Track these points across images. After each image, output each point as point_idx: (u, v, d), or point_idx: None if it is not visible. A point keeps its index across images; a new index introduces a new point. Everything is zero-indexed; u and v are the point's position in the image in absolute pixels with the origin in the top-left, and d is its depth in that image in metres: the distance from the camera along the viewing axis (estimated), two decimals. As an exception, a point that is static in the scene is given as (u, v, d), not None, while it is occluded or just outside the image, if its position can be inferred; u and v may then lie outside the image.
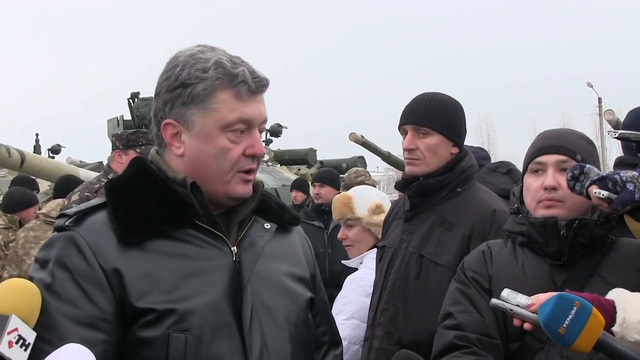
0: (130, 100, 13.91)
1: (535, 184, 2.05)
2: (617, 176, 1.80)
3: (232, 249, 1.61)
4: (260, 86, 1.60)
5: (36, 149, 15.89)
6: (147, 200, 1.56)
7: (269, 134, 15.44)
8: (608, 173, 1.83)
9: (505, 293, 1.70)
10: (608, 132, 3.33)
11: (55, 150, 16.03)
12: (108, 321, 1.45)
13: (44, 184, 9.91)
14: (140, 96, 13.90)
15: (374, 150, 14.80)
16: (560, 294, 1.60)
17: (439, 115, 2.65)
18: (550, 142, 2.07)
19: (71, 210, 1.56)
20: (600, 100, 36.38)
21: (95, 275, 1.46)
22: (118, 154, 4.54)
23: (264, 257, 1.66)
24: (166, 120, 1.59)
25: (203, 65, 1.56)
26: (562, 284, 1.93)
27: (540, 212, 2.02)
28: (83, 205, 1.59)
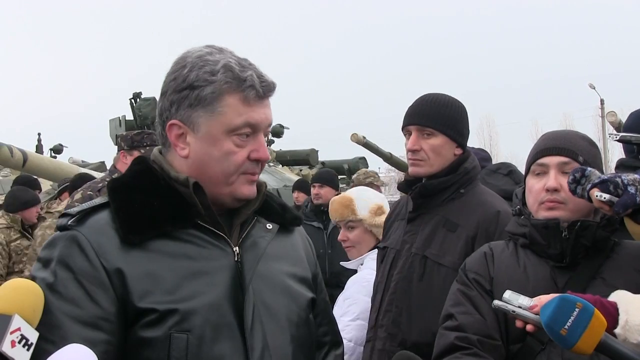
0: (132, 100, 13.91)
1: (537, 186, 2.04)
2: (619, 179, 1.80)
3: (234, 249, 1.61)
4: (267, 90, 1.60)
5: (38, 149, 15.89)
6: (150, 200, 1.56)
7: (270, 134, 15.45)
8: (609, 176, 1.82)
9: (508, 294, 1.70)
10: (609, 135, 3.33)
11: (57, 150, 16.04)
12: (110, 321, 1.45)
13: (46, 184, 9.93)
14: (142, 96, 13.90)
15: (375, 151, 14.79)
16: (562, 296, 1.60)
17: (444, 116, 2.65)
18: (553, 144, 2.07)
19: (74, 209, 1.56)
20: (602, 101, 36.31)
21: (98, 275, 1.46)
22: (123, 154, 4.56)
23: (265, 258, 1.66)
24: (172, 121, 1.58)
25: (211, 68, 1.55)
26: (564, 285, 1.93)
27: (542, 214, 2.02)
28: (86, 204, 1.58)
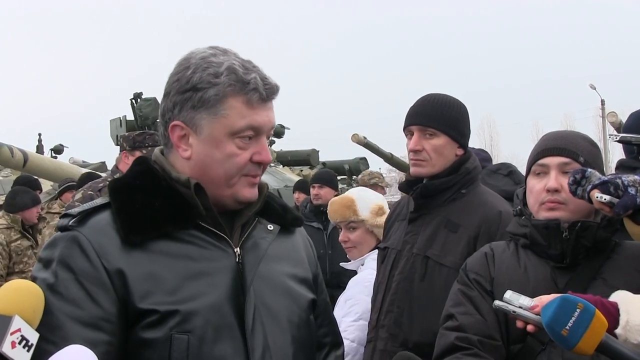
0: (132, 100, 13.91)
1: (538, 186, 2.04)
2: (619, 180, 1.80)
3: (235, 250, 1.61)
4: (270, 93, 1.60)
5: (39, 149, 15.91)
6: (151, 200, 1.56)
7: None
8: (610, 177, 1.82)
9: (508, 295, 1.70)
10: (609, 136, 3.33)
11: (57, 150, 16.05)
12: (111, 322, 1.45)
13: (46, 184, 9.93)
14: (143, 96, 13.90)
15: (376, 151, 14.79)
16: (563, 296, 1.60)
17: (446, 116, 2.65)
18: (553, 144, 2.07)
19: (75, 210, 1.56)
20: (603, 102, 36.31)
21: (99, 276, 1.46)
22: (125, 154, 4.58)
23: (267, 259, 1.66)
24: (174, 122, 1.58)
25: (215, 70, 1.55)
26: (565, 286, 1.92)
27: (542, 214, 2.02)
28: (87, 205, 1.58)
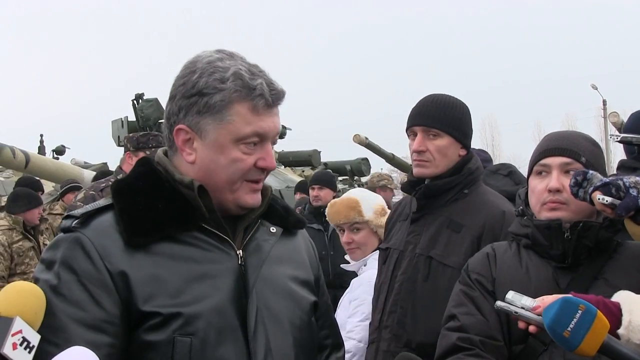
0: (134, 101, 13.92)
1: (539, 186, 2.04)
2: (621, 182, 1.80)
3: (238, 252, 1.60)
4: (276, 99, 1.59)
5: (40, 150, 15.94)
6: (154, 202, 1.55)
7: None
8: (611, 179, 1.82)
9: (510, 295, 1.69)
10: (611, 136, 3.34)
11: (59, 151, 16.08)
12: (114, 324, 1.45)
13: (48, 185, 9.94)
14: (144, 97, 13.91)
15: (378, 152, 14.80)
16: (565, 298, 1.60)
17: (449, 117, 2.65)
18: (555, 144, 2.06)
19: (78, 211, 1.55)
20: (605, 102, 36.31)
21: (102, 278, 1.46)
22: (128, 155, 4.59)
23: (269, 261, 1.65)
24: (179, 126, 1.58)
25: (221, 75, 1.54)
26: (566, 286, 1.92)
27: (544, 215, 2.02)
28: (90, 206, 1.58)
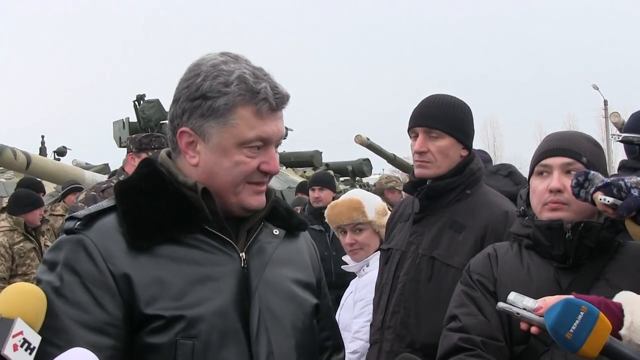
0: (135, 102, 13.93)
1: (540, 187, 2.04)
2: (622, 182, 1.79)
3: (241, 255, 1.60)
4: (280, 103, 1.59)
5: (42, 151, 15.95)
6: (157, 204, 1.55)
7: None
8: (613, 179, 1.82)
9: (512, 296, 1.69)
10: (612, 136, 3.34)
11: (61, 152, 16.07)
12: (116, 326, 1.45)
13: (49, 186, 9.95)
14: (145, 98, 13.92)
15: (379, 152, 14.81)
16: (567, 299, 1.59)
17: (450, 118, 2.65)
18: (556, 145, 2.06)
19: (81, 212, 1.55)
20: (606, 102, 36.28)
21: (105, 280, 1.45)
22: (131, 156, 4.60)
23: (272, 264, 1.65)
24: (182, 129, 1.57)
25: (225, 79, 1.54)
26: (568, 287, 1.92)
27: (545, 215, 2.02)
28: (93, 207, 1.58)
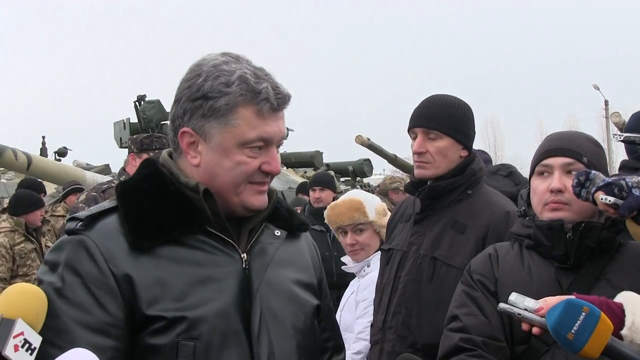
0: (136, 102, 13.94)
1: (541, 187, 2.04)
2: (623, 182, 1.79)
3: (242, 255, 1.60)
4: (282, 103, 1.59)
5: (43, 152, 15.95)
6: (159, 205, 1.55)
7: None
8: (614, 179, 1.82)
9: (513, 297, 1.69)
10: (613, 135, 3.33)
11: (61, 153, 16.07)
12: (118, 327, 1.45)
13: (50, 187, 9.96)
14: (146, 99, 13.93)
15: (380, 152, 14.81)
16: (569, 300, 1.59)
17: (449, 118, 2.64)
18: (557, 145, 2.06)
19: (82, 213, 1.55)
20: (606, 102, 36.28)
21: (106, 281, 1.45)
22: (132, 157, 4.60)
23: (273, 264, 1.65)
24: (184, 129, 1.58)
25: (227, 79, 1.54)
26: (569, 287, 1.92)
27: (546, 215, 2.02)
28: (94, 208, 1.58)
